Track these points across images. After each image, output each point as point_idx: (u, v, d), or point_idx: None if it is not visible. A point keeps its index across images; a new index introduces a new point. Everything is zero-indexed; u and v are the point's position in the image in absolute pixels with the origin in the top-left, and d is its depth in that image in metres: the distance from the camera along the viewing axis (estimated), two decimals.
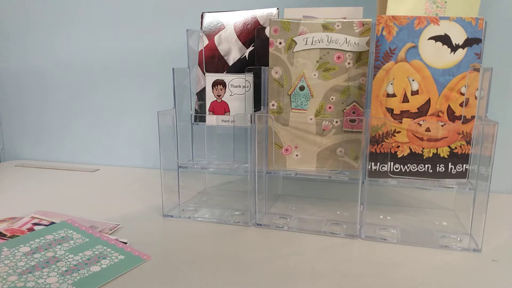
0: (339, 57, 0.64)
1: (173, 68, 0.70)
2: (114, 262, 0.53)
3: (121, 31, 1.02)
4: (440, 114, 0.60)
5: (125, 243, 0.59)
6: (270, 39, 0.64)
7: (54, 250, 0.56)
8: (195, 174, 0.90)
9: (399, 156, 0.61)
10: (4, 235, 0.61)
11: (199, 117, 0.76)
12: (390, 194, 0.81)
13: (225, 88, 0.72)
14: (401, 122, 0.60)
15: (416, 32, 0.59)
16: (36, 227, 0.64)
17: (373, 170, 0.62)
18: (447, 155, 0.60)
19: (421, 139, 0.60)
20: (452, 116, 0.60)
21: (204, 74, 0.74)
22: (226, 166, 0.74)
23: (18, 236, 0.61)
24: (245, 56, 0.73)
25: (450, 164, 0.61)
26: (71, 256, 0.54)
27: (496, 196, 0.77)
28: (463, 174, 0.61)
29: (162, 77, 1.00)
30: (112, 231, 0.63)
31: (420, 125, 0.60)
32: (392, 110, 0.61)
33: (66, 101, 1.11)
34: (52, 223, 0.66)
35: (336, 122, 0.65)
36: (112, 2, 1.02)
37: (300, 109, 0.66)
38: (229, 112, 0.73)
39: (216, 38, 0.74)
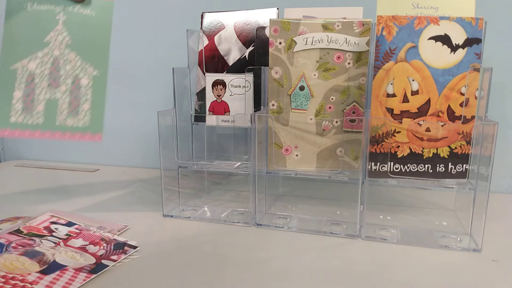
0: (339, 57, 0.64)
1: (173, 68, 0.70)
2: None
3: (120, 31, 1.02)
4: (440, 114, 0.60)
5: (136, 247, 0.58)
6: (270, 39, 0.64)
7: None
8: (195, 174, 0.90)
9: (399, 156, 0.61)
10: (21, 232, 0.61)
11: (199, 117, 0.76)
12: (390, 194, 0.81)
13: (225, 88, 0.72)
14: (401, 122, 0.60)
15: (416, 32, 0.59)
16: (52, 226, 0.64)
17: (373, 170, 0.62)
18: (447, 155, 0.60)
19: (421, 139, 0.60)
20: (452, 116, 0.60)
21: (204, 74, 0.74)
22: (226, 166, 0.74)
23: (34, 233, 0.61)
24: (245, 56, 0.73)
25: (450, 164, 0.61)
26: None
27: (496, 196, 0.78)
28: (463, 174, 0.61)
29: (162, 77, 1.00)
30: (120, 232, 0.63)
31: (420, 125, 0.60)
32: (392, 110, 0.61)
33: None
34: (69, 222, 0.66)
35: (336, 122, 0.65)
36: None
37: (300, 109, 0.66)
38: (229, 112, 0.73)
39: (216, 38, 0.74)
